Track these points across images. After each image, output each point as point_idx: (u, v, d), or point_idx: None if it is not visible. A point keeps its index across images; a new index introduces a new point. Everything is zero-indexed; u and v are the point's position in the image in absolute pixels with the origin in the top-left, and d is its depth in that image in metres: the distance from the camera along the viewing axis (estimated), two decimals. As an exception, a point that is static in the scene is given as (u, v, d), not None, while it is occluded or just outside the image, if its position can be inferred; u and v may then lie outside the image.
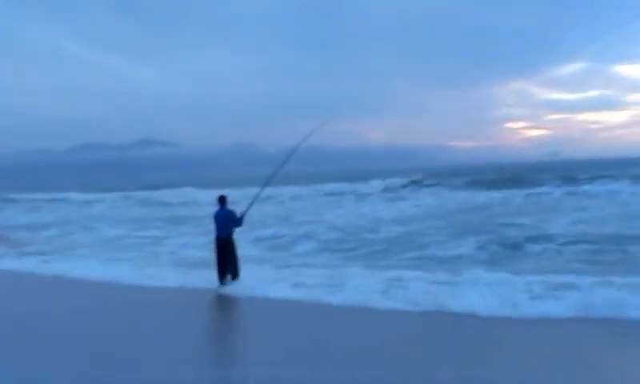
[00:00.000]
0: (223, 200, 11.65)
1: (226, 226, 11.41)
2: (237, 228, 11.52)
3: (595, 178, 36.06)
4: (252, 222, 14.03)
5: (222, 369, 6.86)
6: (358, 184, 45.56)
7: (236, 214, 11.48)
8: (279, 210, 29.69)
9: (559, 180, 37.49)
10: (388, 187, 42.32)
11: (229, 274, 11.33)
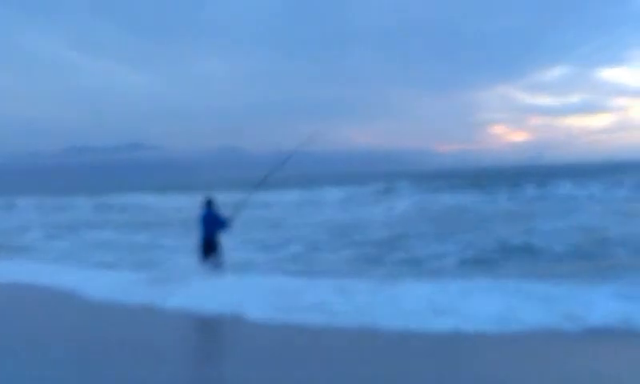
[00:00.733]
0: (209, 203, 11.65)
1: (212, 229, 11.42)
2: (223, 231, 11.48)
3: (576, 182, 36.72)
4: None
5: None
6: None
7: (222, 216, 11.50)
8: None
9: (539, 183, 38.09)
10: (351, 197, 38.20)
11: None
